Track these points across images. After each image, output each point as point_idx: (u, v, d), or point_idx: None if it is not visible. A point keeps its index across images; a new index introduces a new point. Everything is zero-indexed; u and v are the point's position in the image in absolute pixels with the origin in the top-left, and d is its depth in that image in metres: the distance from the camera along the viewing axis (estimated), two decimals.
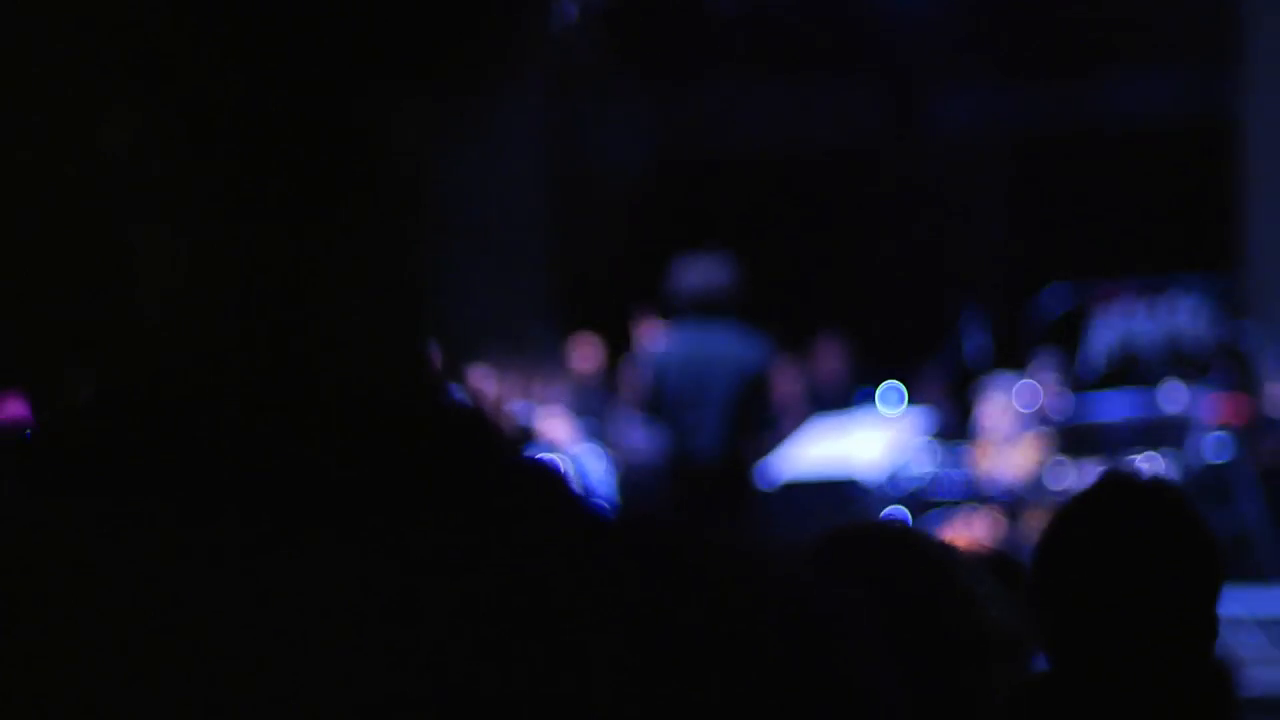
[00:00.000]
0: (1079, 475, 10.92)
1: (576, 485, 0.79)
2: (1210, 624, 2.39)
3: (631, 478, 11.97)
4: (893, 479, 11.37)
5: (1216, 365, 11.89)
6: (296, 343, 0.77)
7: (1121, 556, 2.38)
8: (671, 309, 8.40)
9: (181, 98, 0.75)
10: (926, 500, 11.14)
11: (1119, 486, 2.56)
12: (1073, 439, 10.89)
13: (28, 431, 0.76)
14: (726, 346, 8.17)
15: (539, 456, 0.79)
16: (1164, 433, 10.82)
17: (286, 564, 0.74)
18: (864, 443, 10.58)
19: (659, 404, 8.33)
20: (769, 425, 8.33)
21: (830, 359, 14.60)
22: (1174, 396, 11.44)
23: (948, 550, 1.94)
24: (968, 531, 10.72)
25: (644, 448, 11.73)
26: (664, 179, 16.80)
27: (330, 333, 0.78)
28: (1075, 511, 2.46)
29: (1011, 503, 10.47)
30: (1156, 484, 2.67)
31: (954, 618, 1.82)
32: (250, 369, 0.77)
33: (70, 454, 0.77)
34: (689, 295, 8.25)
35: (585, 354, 14.05)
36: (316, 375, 0.78)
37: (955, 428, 13.24)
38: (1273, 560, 11.70)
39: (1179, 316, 12.17)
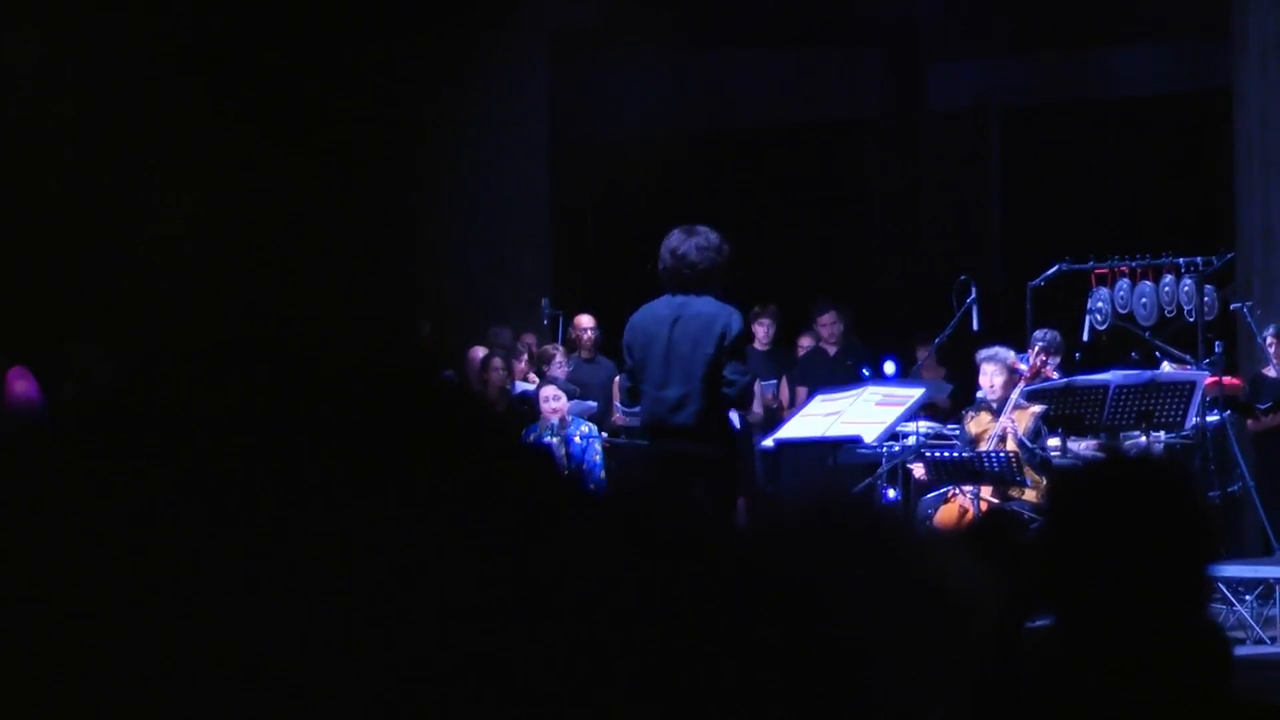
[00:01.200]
0: (1074, 449, 11.02)
1: (565, 465, 0.85)
2: (1204, 587, 2.58)
3: (625, 453, 12.02)
4: (889, 449, 11.46)
5: (1211, 342, 11.97)
6: (300, 323, 0.80)
7: (1123, 526, 2.55)
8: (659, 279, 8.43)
9: (194, 76, 0.77)
10: (922, 470, 11.23)
11: (1121, 462, 2.74)
12: (1068, 413, 10.95)
13: (39, 412, 0.81)
14: (697, 315, 8.17)
15: (531, 438, 0.83)
16: (1159, 407, 10.89)
17: (288, 539, 0.77)
18: (862, 413, 10.66)
19: (640, 374, 8.40)
20: (741, 388, 8.28)
21: (830, 331, 14.65)
22: (1169, 372, 11.52)
23: (910, 524, 2.04)
24: (963, 501, 10.82)
25: (632, 420, 11.77)
26: (665, 150, 16.79)
27: (334, 312, 0.80)
28: (1081, 484, 2.65)
29: (1006, 474, 10.54)
30: (1156, 459, 2.82)
31: (917, 587, 1.90)
32: (256, 350, 0.79)
33: (91, 435, 0.79)
34: (669, 266, 8.27)
35: (585, 332, 13.99)
36: (320, 356, 0.80)
37: (952, 400, 13.32)
38: (1262, 528, 11.81)
39: (1175, 293, 12.25)
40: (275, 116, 0.78)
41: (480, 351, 13.04)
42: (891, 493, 11.68)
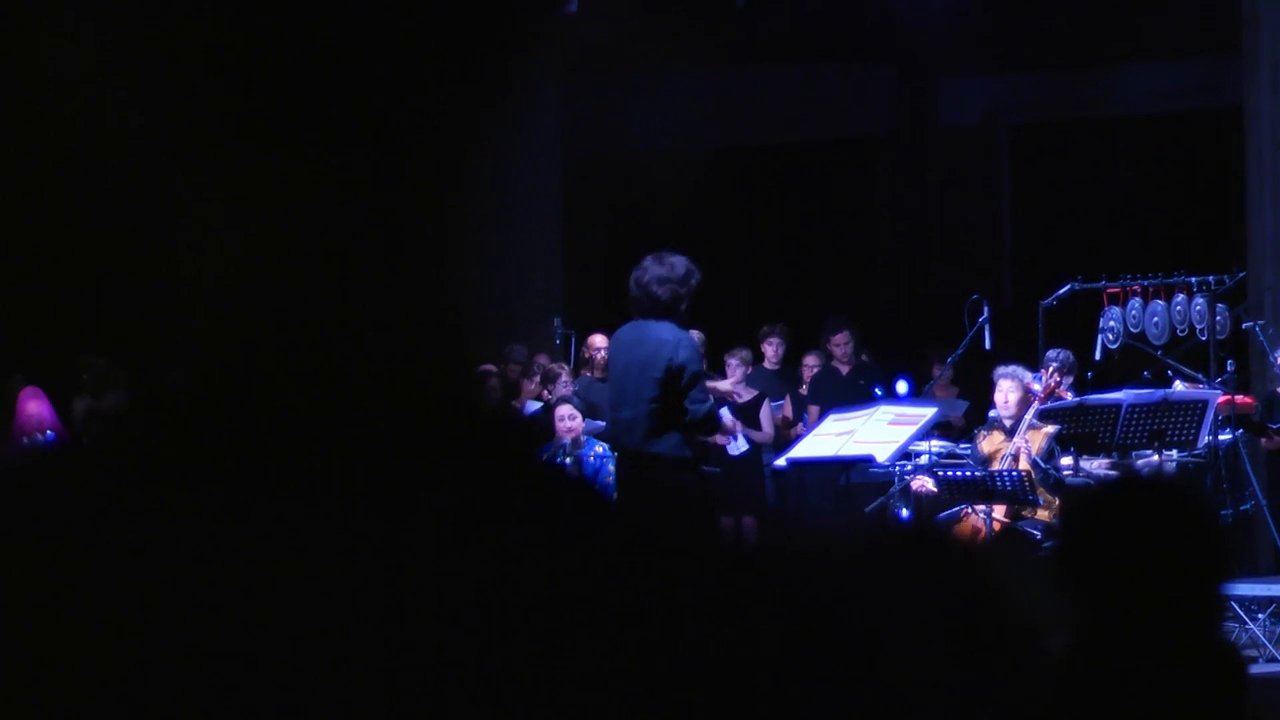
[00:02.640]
0: (1087, 468, 11.01)
1: (581, 482, 0.84)
2: (1217, 606, 2.60)
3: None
4: (901, 469, 11.46)
5: (1223, 360, 11.97)
6: (332, 344, 0.81)
7: (1136, 545, 2.57)
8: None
9: (221, 97, 0.78)
10: (935, 490, 11.23)
11: (1134, 482, 2.76)
12: (1080, 432, 10.95)
13: (50, 433, 0.81)
14: (650, 340, 8.19)
15: (545, 457, 0.83)
16: (1171, 426, 10.88)
17: (304, 549, 0.78)
18: (874, 432, 10.66)
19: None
20: (696, 415, 8.24)
21: (843, 350, 14.65)
22: (1181, 391, 11.52)
23: (968, 546, 2.05)
24: (975, 521, 10.82)
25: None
26: (677, 167, 16.81)
27: (364, 332, 0.81)
28: (1095, 504, 2.67)
29: (1019, 494, 10.54)
30: (1169, 479, 2.84)
31: (984, 614, 1.89)
32: (286, 373, 0.80)
33: (123, 457, 0.81)
34: (634, 293, 8.31)
35: (598, 351, 13.98)
36: (351, 377, 0.81)
37: (965, 419, 13.32)
38: (1274, 546, 11.79)
39: (1187, 312, 12.25)
40: (291, 136, 0.79)
41: (494, 370, 13.05)
42: (905, 512, 11.68)
